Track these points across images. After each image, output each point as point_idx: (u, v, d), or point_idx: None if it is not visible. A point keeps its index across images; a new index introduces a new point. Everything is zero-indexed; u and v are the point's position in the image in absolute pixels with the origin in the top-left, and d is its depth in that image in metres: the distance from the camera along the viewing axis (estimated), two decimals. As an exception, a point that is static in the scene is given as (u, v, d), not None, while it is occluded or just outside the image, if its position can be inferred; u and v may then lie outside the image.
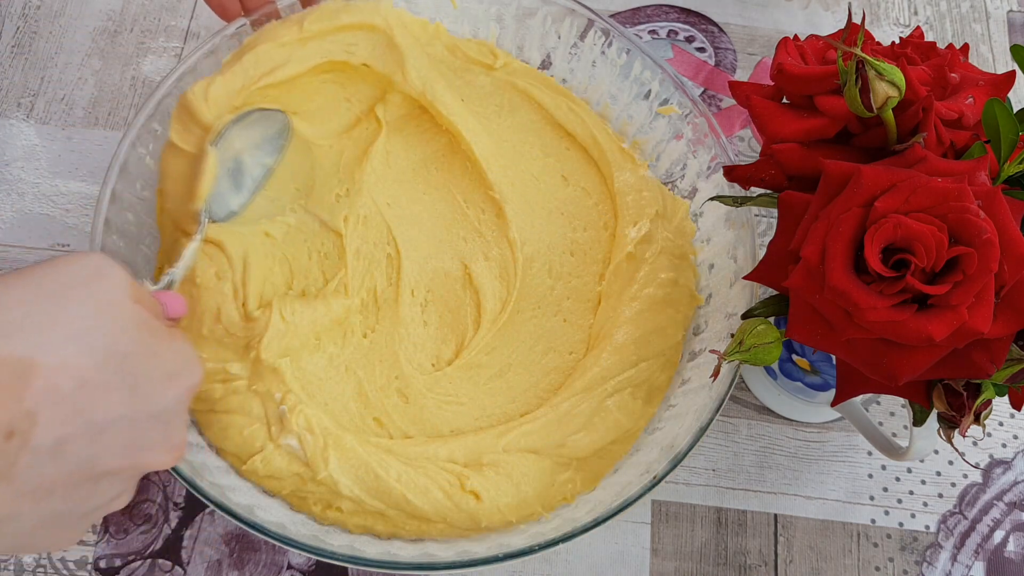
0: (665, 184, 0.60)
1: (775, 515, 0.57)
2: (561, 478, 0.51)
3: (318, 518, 0.49)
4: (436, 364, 0.54)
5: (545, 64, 0.63)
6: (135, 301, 0.35)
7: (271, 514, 0.47)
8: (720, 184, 0.56)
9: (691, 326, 0.56)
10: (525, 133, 0.61)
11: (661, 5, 0.73)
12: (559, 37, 0.61)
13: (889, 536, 0.57)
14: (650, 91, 0.59)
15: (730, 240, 0.55)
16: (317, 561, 0.53)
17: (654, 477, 0.47)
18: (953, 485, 0.59)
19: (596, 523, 0.46)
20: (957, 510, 0.58)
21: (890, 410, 0.60)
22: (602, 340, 0.54)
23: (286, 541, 0.45)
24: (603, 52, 0.60)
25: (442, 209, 0.58)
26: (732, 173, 0.47)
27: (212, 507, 0.45)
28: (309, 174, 0.57)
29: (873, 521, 0.57)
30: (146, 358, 0.35)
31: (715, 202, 0.52)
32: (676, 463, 0.47)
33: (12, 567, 0.52)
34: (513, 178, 0.59)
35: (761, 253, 0.45)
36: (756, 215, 0.65)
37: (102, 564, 0.52)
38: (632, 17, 0.73)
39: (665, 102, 0.59)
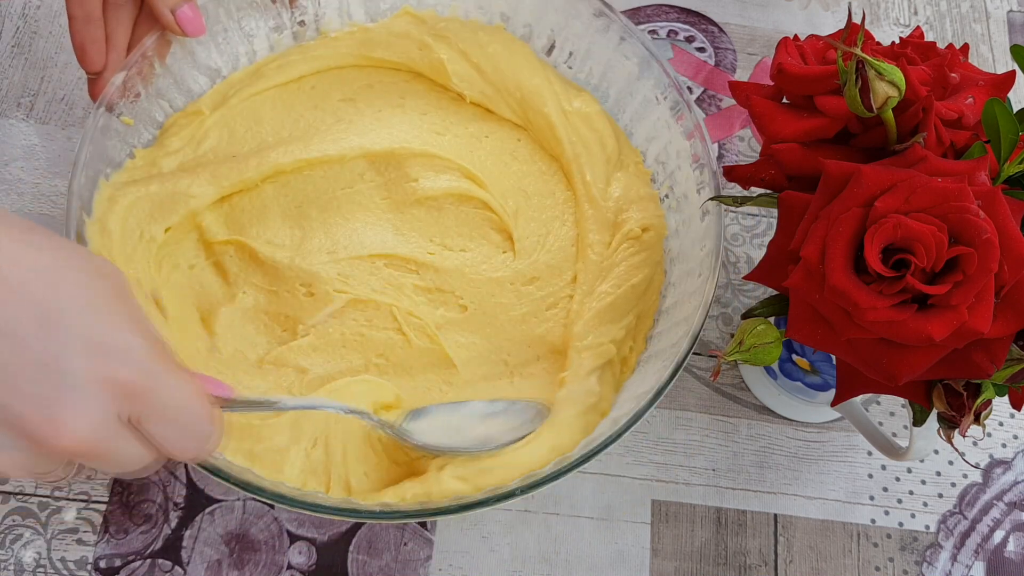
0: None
1: (775, 515, 0.57)
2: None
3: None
4: (514, 282, 0.56)
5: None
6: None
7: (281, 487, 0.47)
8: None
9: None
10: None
11: (661, 5, 0.73)
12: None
13: (889, 536, 0.57)
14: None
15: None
16: (317, 561, 0.53)
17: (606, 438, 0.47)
18: (953, 485, 0.59)
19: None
20: (957, 510, 0.58)
21: (890, 410, 0.60)
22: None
23: (314, 508, 0.44)
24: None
25: (362, 200, 0.57)
26: (732, 173, 0.47)
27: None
28: (286, 318, 0.54)
29: (873, 521, 0.57)
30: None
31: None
32: (638, 417, 0.47)
33: (12, 567, 0.52)
34: (394, 132, 0.59)
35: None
36: (755, 215, 0.65)
37: (102, 564, 0.52)
38: (632, 17, 0.73)
39: None
